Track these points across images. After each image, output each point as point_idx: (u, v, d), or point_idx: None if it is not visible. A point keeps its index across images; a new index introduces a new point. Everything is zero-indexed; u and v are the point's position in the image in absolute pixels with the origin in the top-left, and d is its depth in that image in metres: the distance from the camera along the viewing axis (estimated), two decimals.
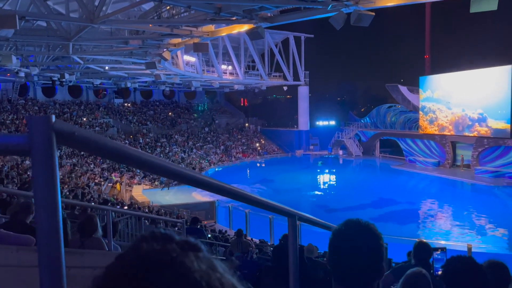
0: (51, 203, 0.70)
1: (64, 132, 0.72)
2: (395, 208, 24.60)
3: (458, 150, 34.94)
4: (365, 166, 41.94)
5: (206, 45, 17.65)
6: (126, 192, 27.11)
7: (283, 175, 36.23)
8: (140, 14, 17.71)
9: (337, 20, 12.54)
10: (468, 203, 25.49)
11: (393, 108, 43.55)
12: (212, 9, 13.41)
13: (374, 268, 1.31)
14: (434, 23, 50.78)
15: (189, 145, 42.22)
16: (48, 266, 0.68)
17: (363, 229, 1.33)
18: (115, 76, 33.86)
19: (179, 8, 15.90)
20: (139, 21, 16.99)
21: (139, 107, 49.13)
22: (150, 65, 21.87)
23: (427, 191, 30.20)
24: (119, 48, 20.86)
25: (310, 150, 48.67)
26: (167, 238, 0.57)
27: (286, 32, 45.05)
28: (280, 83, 47.79)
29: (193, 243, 0.58)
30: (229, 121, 53.30)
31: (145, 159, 0.87)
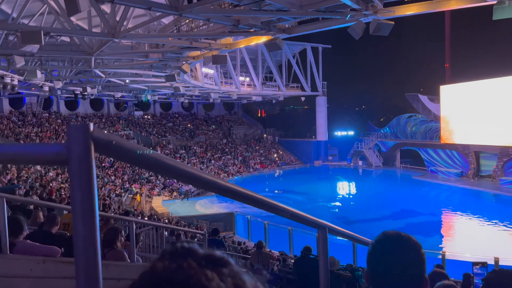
0: (88, 214, 0.68)
1: (102, 141, 0.70)
2: (417, 220, 24.04)
3: (482, 160, 34.06)
4: (385, 177, 41.26)
5: (224, 57, 17.80)
6: (146, 203, 27.34)
7: (301, 186, 35.96)
8: (160, 28, 18.07)
9: (355, 29, 12.46)
10: (493, 215, 24.71)
11: (413, 118, 42.90)
12: (231, 22, 13.54)
13: (416, 280, 1.25)
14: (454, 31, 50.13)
15: (207, 156, 42.44)
16: (86, 280, 0.66)
17: (404, 241, 1.29)
18: (135, 89, 34.46)
19: (198, 21, 16.13)
20: (159, 34, 17.32)
21: (159, 119, 49.79)
22: (169, 78, 22.19)
23: (450, 202, 29.46)
24: (139, 61, 21.27)
25: (328, 160, 48.26)
26: (188, 253, 0.54)
27: (304, 43, 45.16)
28: (298, 93, 47.77)
29: (216, 257, 0.54)
30: (247, 132, 53.43)
31: (182, 169, 0.84)
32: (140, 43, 19.37)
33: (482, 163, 34.03)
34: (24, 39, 12.59)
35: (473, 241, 20.00)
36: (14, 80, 21.06)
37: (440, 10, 12.47)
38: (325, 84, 48.83)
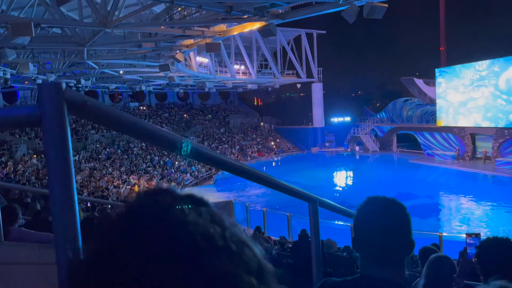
0: (64, 174, 0.67)
1: (76, 101, 0.69)
2: (414, 203, 24.17)
3: (477, 142, 34.20)
4: (382, 161, 41.41)
5: (218, 45, 17.68)
6: None
7: (299, 172, 36.05)
8: (152, 16, 17.87)
9: (349, 13, 12.38)
10: (489, 196, 24.92)
11: (409, 102, 42.91)
12: (223, 8, 13.41)
13: (402, 242, 1.25)
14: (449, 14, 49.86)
15: (204, 146, 42.42)
16: (64, 239, 0.65)
17: (388, 203, 1.29)
18: (130, 80, 34.25)
19: (190, 9, 15.97)
20: (151, 23, 17.14)
21: (154, 109, 49.62)
22: (163, 68, 22.03)
23: (447, 184, 29.65)
24: (132, 51, 21.08)
25: (326, 147, 48.35)
26: (165, 192, 0.52)
27: (298, 29, 44.85)
28: (293, 80, 47.61)
29: (196, 197, 0.54)
30: (244, 121, 53.35)
31: (159, 134, 0.83)
32: (133, 33, 19.19)
33: (478, 145, 34.18)
34: (15, 31, 12.44)
35: (470, 222, 20.20)
36: (7, 73, 20.88)
37: None
38: (321, 71, 48.66)
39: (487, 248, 1.96)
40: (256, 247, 0.53)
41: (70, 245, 0.65)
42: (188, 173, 32.36)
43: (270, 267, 0.52)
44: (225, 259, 0.47)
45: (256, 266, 0.49)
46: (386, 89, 73.19)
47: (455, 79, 35.01)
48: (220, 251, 0.47)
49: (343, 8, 12.56)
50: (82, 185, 23.03)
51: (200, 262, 0.45)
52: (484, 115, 32.40)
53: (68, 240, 0.65)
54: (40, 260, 2.89)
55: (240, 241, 0.51)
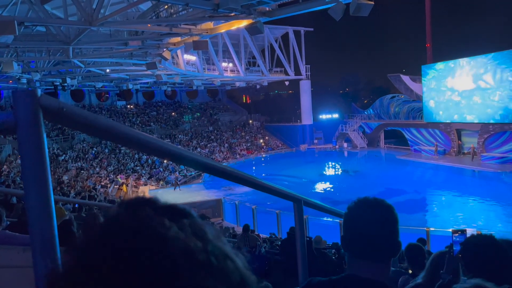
0: (39, 182, 0.66)
1: (52, 108, 0.68)
2: (402, 198, 24.49)
3: (463, 137, 34.71)
4: (370, 157, 41.77)
5: (205, 43, 17.60)
6: (133, 193, 27.19)
7: (288, 170, 36.18)
8: (138, 14, 17.70)
9: (336, 11, 12.43)
10: (475, 190, 25.33)
11: (396, 98, 43.31)
12: (210, 6, 13.34)
13: (389, 242, 1.28)
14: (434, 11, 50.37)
15: (193, 144, 42.25)
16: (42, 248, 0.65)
17: (376, 204, 1.32)
18: (116, 79, 33.90)
19: (177, 6, 15.86)
20: (137, 21, 16.96)
21: (142, 108, 49.24)
22: (150, 66, 21.86)
23: (434, 180, 30.05)
24: (119, 50, 20.86)
25: (314, 144, 48.57)
26: (146, 203, 0.50)
27: (286, 27, 44.89)
28: (282, 78, 47.66)
29: (178, 208, 0.52)
30: (232, 119, 53.28)
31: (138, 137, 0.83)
32: (119, 31, 18.98)
33: (464, 140, 34.69)
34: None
35: (457, 217, 20.51)
36: None
37: None
38: (309, 68, 48.81)
39: (471, 245, 2.00)
40: (239, 259, 0.51)
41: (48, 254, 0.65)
42: (177, 171, 32.22)
43: (252, 278, 0.51)
44: (205, 275, 0.45)
45: (238, 279, 0.48)
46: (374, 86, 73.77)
47: (441, 75, 35.44)
48: (200, 266, 0.45)
49: (329, 6, 12.61)
50: (69, 185, 22.77)
51: (178, 280, 0.43)
52: (469, 111, 32.86)
53: (45, 250, 0.64)
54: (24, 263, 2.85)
55: (222, 254, 0.48)
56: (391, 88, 47.15)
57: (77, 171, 28.34)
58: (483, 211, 21.39)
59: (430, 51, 48.28)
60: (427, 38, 49.31)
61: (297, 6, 14.12)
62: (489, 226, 18.37)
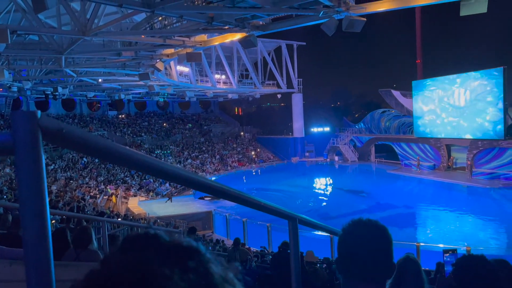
0: (37, 206, 0.65)
1: (51, 129, 0.67)
2: (392, 213, 24.55)
3: (453, 153, 35.06)
4: (361, 171, 41.94)
5: (199, 55, 17.68)
6: (122, 204, 26.89)
7: (279, 183, 36.14)
8: (132, 25, 17.75)
9: (328, 26, 12.60)
10: (465, 206, 25.50)
11: (387, 113, 43.74)
12: (204, 19, 13.45)
13: (384, 263, 1.28)
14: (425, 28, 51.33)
15: (184, 155, 42.08)
16: (37, 279, 0.63)
17: (371, 226, 1.31)
18: (108, 88, 33.81)
19: (171, 18, 15.93)
20: (131, 32, 17.01)
21: (133, 118, 49.04)
22: (143, 76, 21.86)
23: (424, 194, 30.20)
24: (112, 60, 20.85)
25: (305, 156, 48.68)
26: (149, 242, 0.47)
27: (279, 40, 45.35)
28: (274, 91, 47.95)
29: (183, 247, 0.48)
30: (224, 130, 53.30)
31: (137, 158, 0.82)
32: (112, 41, 18.99)
33: (453, 155, 35.02)
34: None
35: (447, 232, 20.59)
36: None
37: (409, 6, 12.73)
38: (301, 81, 49.20)
39: (463, 265, 2.01)
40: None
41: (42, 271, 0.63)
42: (167, 183, 32.00)
43: None
44: None
45: None
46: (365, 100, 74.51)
47: (431, 91, 35.91)
48: None
49: (322, 21, 12.78)
50: (58, 195, 22.47)
51: None
52: (458, 126, 33.27)
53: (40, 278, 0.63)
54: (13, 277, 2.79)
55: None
56: (382, 103, 47.68)
57: (66, 181, 28.00)
58: (472, 226, 21.51)
59: (420, 67, 49.12)
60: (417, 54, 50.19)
61: (290, 21, 14.29)
62: (478, 242, 18.46)
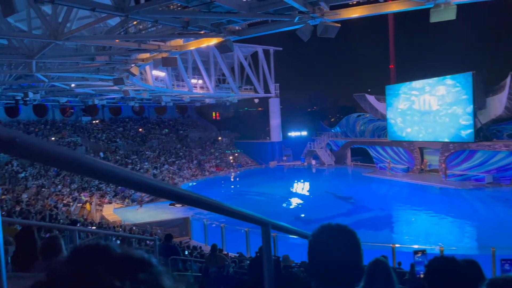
0: None
1: (4, 138, 0.64)
2: (368, 215, 24.95)
3: (426, 155, 35.95)
4: (337, 175, 42.46)
5: (174, 59, 17.54)
6: (97, 212, 26.30)
7: (257, 187, 36.18)
8: (106, 29, 17.46)
9: (304, 32, 12.74)
10: (437, 207, 26.16)
11: (362, 117, 44.50)
12: (180, 23, 13.36)
13: (353, 267, 1.28)
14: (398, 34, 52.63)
15: (161, 161, 41.56)
16: None
17: (340, 231, 1.32)
18: (82, 94, 33.10)
19: (146, 23, 15.77)
20: (105, 36, 16.72)
21: (108, 124, 48.16)
22: (118, 81, 21.51)
23: (398, 196, 30.82)
24: (85, 64, 20.44)
25: (283, 161, 48.92)
26: (100, 254, 0.45)
27: (255, 46, 45.55)
28: (251, 95, 48.06)
29: (134, 259, 0.46)
30: (202, 135, 52.99)
31: (98, 166, 0.79)
32: (86, 46, 18.62)
33: (426, 158, 35.92)
34: None
35: (421, 233, 21.04)
36: None
37: (382, 12, 13.02)
38: (278, 86, 49.52)
39: (434, 267, 2.05)
40: None
41: None
42: None
43: None
44: None
45: None
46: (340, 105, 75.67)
47: (403, 95, 36.78)
48: None
49: (298, 27, 12.91)
50: (29, 203, 21.79)
51: None
52: (430, 130, 34.15)
53: None
54: None
55: None
56: (357, 107, 48.48)
57: (38, 189, 27.18)
58: (445, 227, 22.06)
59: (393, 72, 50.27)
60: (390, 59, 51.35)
61: (266, 26, 14.37)
62: (451, 242, 18.96)
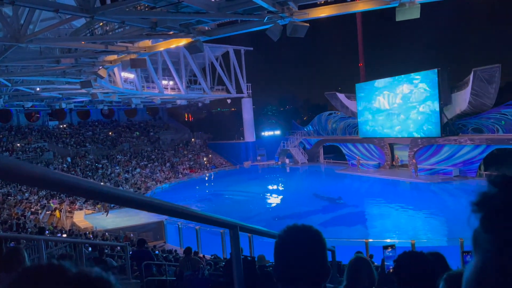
0: None
1: None
2: (342, 212, 25.33)
3: (396, 151, 36.83)
4: (311, 173, 42.91)
5: (143, 61, 17.26)
6: (67, 219, 25.54)
7: (232, 187, 36.09)
8: (71, 31, 16.97)
9: (273, 32, 12.79)
10: (408, 201, 26.84)
11: (333, 115, 45.14)
12: (148, 24, 13.15)
13: (318, 267, 1.28)
14: (366, 32, 53.69)
15: (132, 164, 40.79)
16: None
17: (304, 231, 1.32)
18: (48, 98, 32.08)
19: (112, 24, 15.43)
20: (70, 38, 16.26)
21: (77, 128, 46.87)
22: (85, 84, 20.96)
23: (371, 192, 31.42)
24: (50, 67, 19.80)
25: (257, 160, 49.00)
26: (53, 277, 0.42)
27: (226, 46, 45.41)
28: (223, 96, 47.89)
29: (90, 280, 0.43)
30: (174, 137, 52.36)
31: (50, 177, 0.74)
32: (50, 48, 18.04)
33: (396, 154, 36.81)
34: None
35: (393, 227, 21.54)
36: None
37: (349, 12, 13.23)
38: (250, 86, 49.53)
39: (403, 262, 2.09)
40: None
41: None
42: None
43: None
44: None
45: None
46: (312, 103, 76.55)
47: (372, 93, 37.55)
48: None
49: (267, 27, 12.94)
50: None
51: None
52: (399, 126, 35.02)
53: None
54: None
55: None
56: (328, 105, 49.16)
57: (4, 198, 26.14)
58: (416, 220, 22.66)
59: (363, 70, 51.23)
60: (360, 58, 52.31)
61: (236, 26, 14.34)
62: (421, 234, 19.50)
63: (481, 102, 29.04)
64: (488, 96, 28.49)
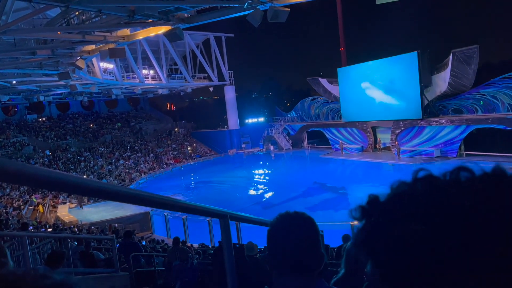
0: None
1: None
2: (328, 196, 25.63)
3: (378, 134, 37.27)
4: (295, 158, 43.16)
5: (122, 50, 16.90)
6: (51, 213, 25.17)
7: (218, 176, 36.06)
8: (46, 21, 16.47)
9: (254, 17, 12.65)
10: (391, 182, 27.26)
11: (316, 100, 45.28)
12: (125, 12, 12.85)
13: (312, 254, 1.28)
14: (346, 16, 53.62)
15: (115, 156, 40.31)
16: None
17: (297, 218, 1.31)
18: (25, 91, 31.26)
19: (89, 13, 15.03)
20: (45, 29, 15.79)
21: (56, 121, 45.92)
22: (63, 76, 20.45)
23: (354, 175, 31.83)
24: (26, 60, 19.22)
25: (242, 148, 48.99)
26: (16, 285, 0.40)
27: (206, 33, 44.83)
28: (206, 84, 47.47)
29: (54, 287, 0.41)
30: (157, 127, 51.83)
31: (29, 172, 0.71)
32: (25, 39, 17.51)
33: (379, 137, 37.26)
34: None
35: None
36: None
37: None
38: (232, 73, 49.18)
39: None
40: None
41: None
42: None
43: None
44: None
45: None
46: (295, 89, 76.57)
47: (354, 77, 37.75)
48: None
49: (248, 13, 12.80)
50: None
51: None
52: (381, 109, 35.38)
53: None
54: None
55: None
56: (311, 91, 49.19)
57: None
58: None
59: (344, 54, 51.28)
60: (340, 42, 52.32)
61: (215, 13, 14.14)
62: None
63: (460, 83, 29.50)
64: (467, 77, 28.94)
